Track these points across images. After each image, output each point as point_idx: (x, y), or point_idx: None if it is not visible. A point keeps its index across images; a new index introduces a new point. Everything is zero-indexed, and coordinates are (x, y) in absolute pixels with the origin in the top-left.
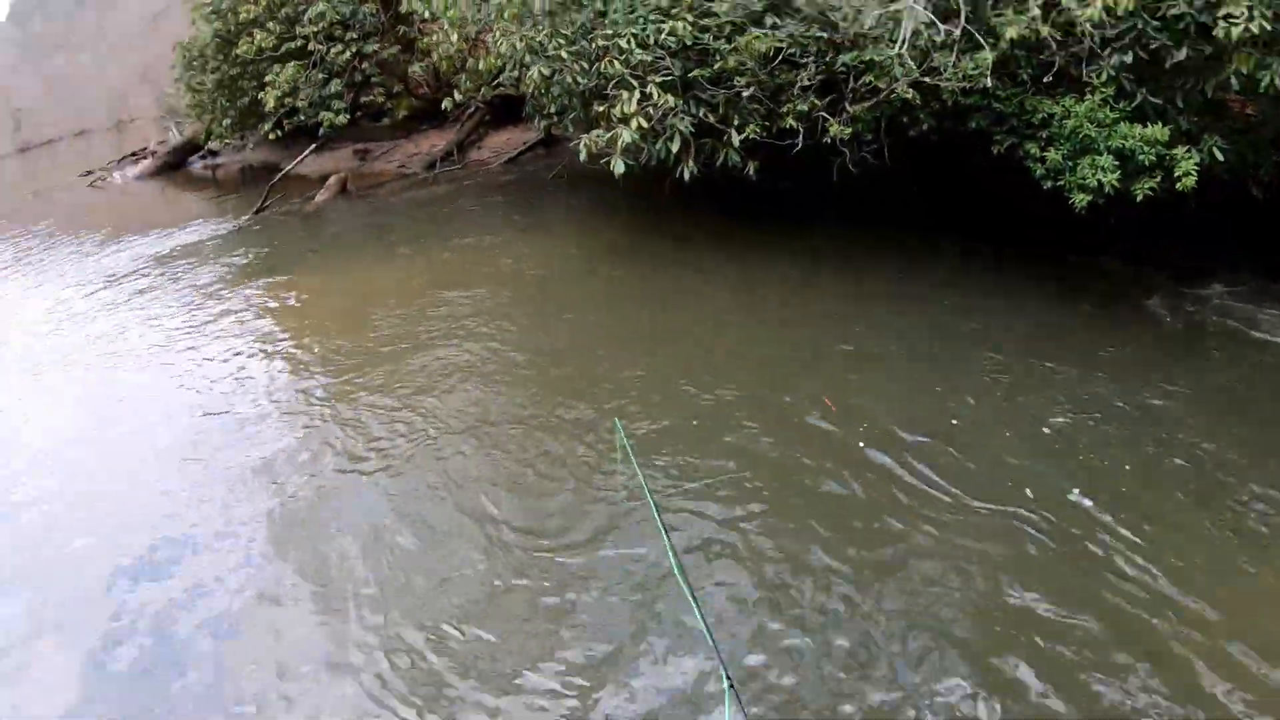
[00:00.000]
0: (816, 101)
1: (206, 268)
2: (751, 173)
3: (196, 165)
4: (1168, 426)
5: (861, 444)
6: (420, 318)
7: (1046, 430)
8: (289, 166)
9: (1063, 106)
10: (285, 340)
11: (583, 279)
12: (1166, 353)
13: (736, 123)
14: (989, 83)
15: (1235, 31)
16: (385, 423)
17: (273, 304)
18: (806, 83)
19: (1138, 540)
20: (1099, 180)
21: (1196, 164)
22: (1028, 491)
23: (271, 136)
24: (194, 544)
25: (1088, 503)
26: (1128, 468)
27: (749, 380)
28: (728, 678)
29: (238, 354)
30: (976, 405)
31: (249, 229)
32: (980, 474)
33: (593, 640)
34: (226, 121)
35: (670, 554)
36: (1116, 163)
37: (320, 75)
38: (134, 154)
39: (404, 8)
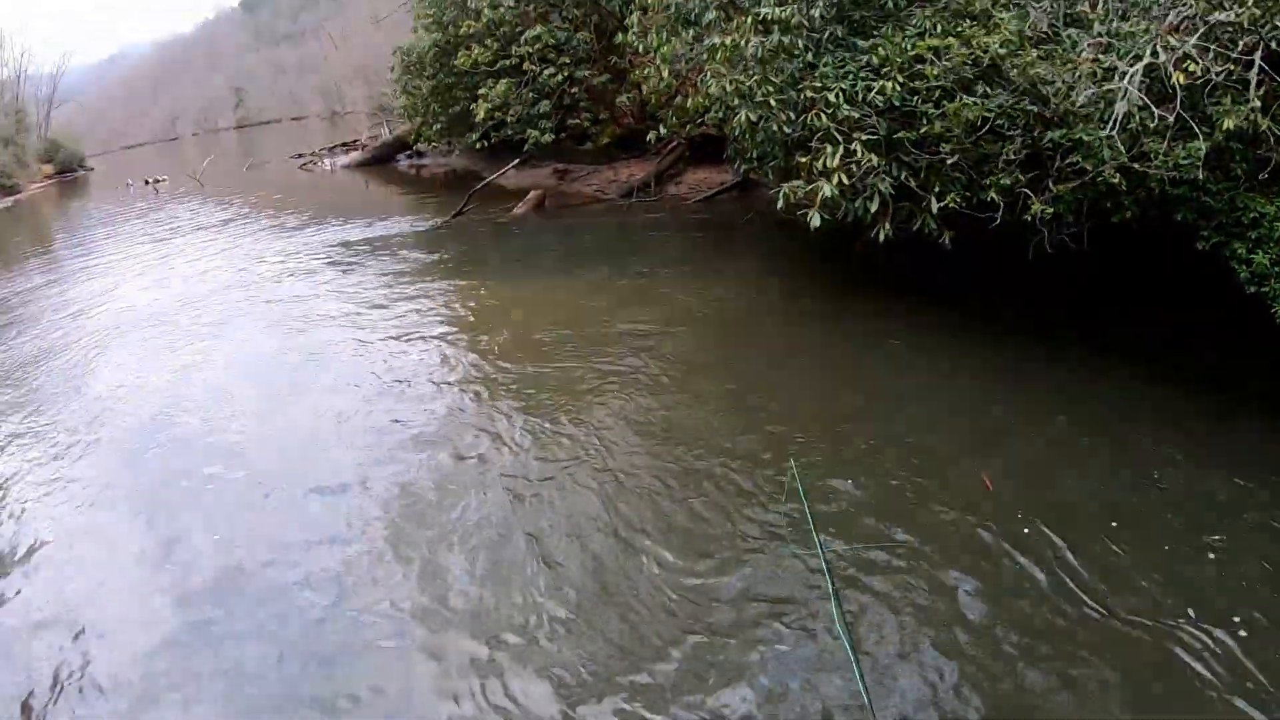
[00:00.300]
0: (1020, 176)
1: (401, 260)
2: (947, 242)
3: (402, 163)
4: None
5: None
6: (595, 340)
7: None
8: (492, 176)
9: (1276, 207)
10: (463, 341)
11: (763, 326)
12: None
13: (937, 189)
14: (1200, 174)
15: None
16: (547, 439)
17: (457, 304)
18: (1011, 156)
19: None
20: None
21: None
22: (1190, 611)
23: (478, 146)
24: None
25: None
26: None
27: (917, 451)
28: None
29: (418, 345)
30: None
31: (446, 230)
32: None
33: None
34: (437, 126)
35: (835, 608)
36: None
37: (531, 94)
38: (345, 144)
39: (617, 39)
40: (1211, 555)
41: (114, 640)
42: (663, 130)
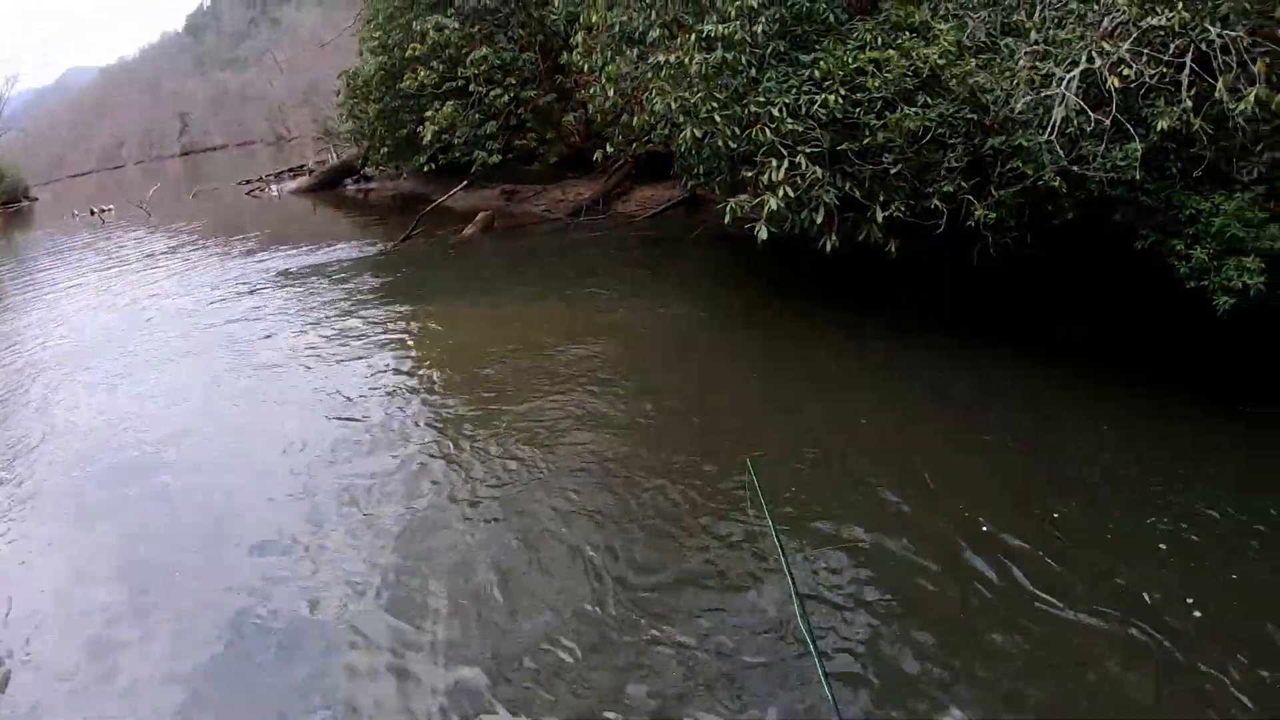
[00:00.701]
0: (963, 184)
1: (348, 285)
2: (892, 250)
3: (350, 187)
4: None
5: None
6: (547, 359)
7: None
8: (440, 199)
9: (1211, 203)
10: (411, 365)
11: (711, 340)
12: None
13: (881, 199)
14: (1137, 175)
15: None
16: (498, 459)
17: (405, 329)
18: (953, 164)
19: None
20: (1244, 282)
21: None
22: (1145, 596)
23: (425, 169)
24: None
25: None
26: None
27: (864, 452)
28: None
29: (367, 373)
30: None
31: (394, 254)
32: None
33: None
34: (384, 150)
35: (796, 605)
36: (1264, 265)
37: (477, 116)
38: (292, 169)
39: (563, 59)
40: (1161, 543)
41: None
42: (609, 149)
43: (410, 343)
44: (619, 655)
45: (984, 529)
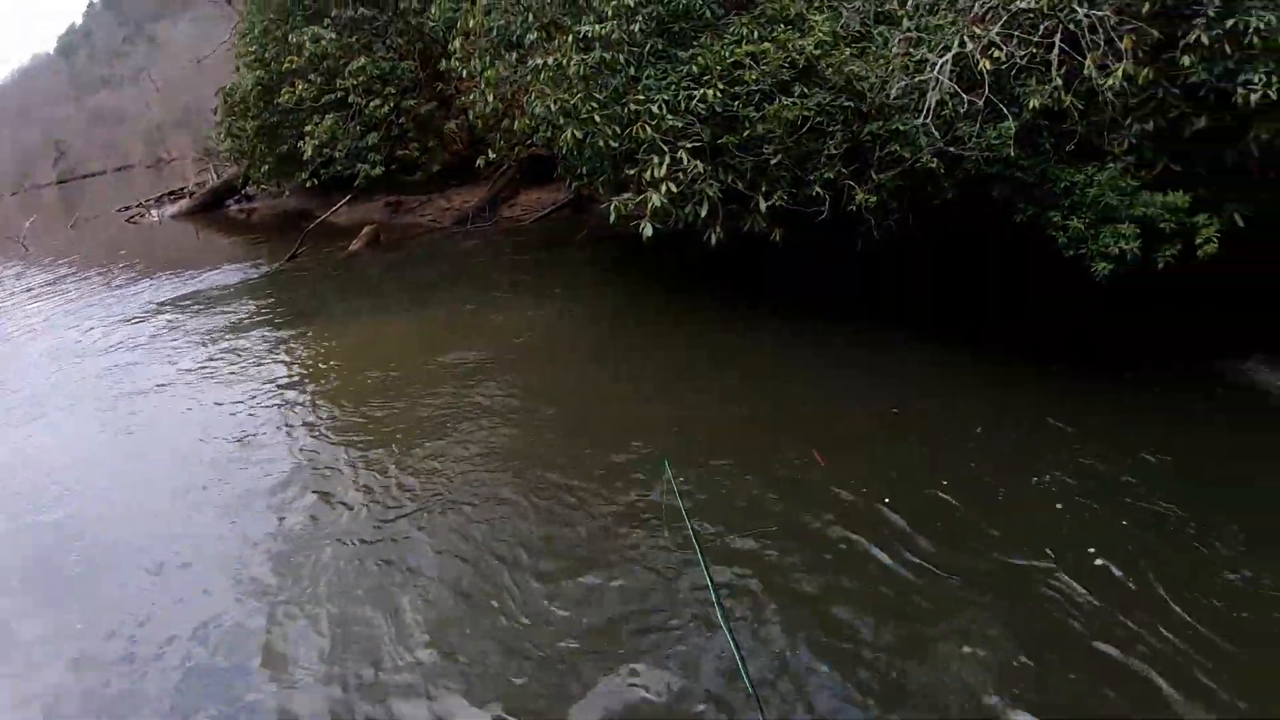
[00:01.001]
0: (843, 170)
1: (235, 310)
2: (777, 239)
3: (232, 208)
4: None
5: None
6: (438, 370)
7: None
8: (324, 215)
9: (1084, 175)
10: (305, 387)
11: (605, 339)
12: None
13: (764, 189)
14: (1012, 152)
15: (1254, 98)
16: (403, 477)
17: (296, 350)
18: (833, 151)
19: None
20: (1120, 248)
21: (1218, 231)
22: (1048, 550)
23: (307, 185)
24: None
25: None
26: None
27: (765, 439)
28: None
29: (254, 398)
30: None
31: (280, 274)
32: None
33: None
34: (265, 167)
35: (712, 594)
36: (1138, 230)
37: (358, 127)
38: (172, 192)
39: (442, 66)
40: (1042, 507)
41: None
42: (492, 154)
43: (299, 364)
44: (528, 649)
45: (884, 501)
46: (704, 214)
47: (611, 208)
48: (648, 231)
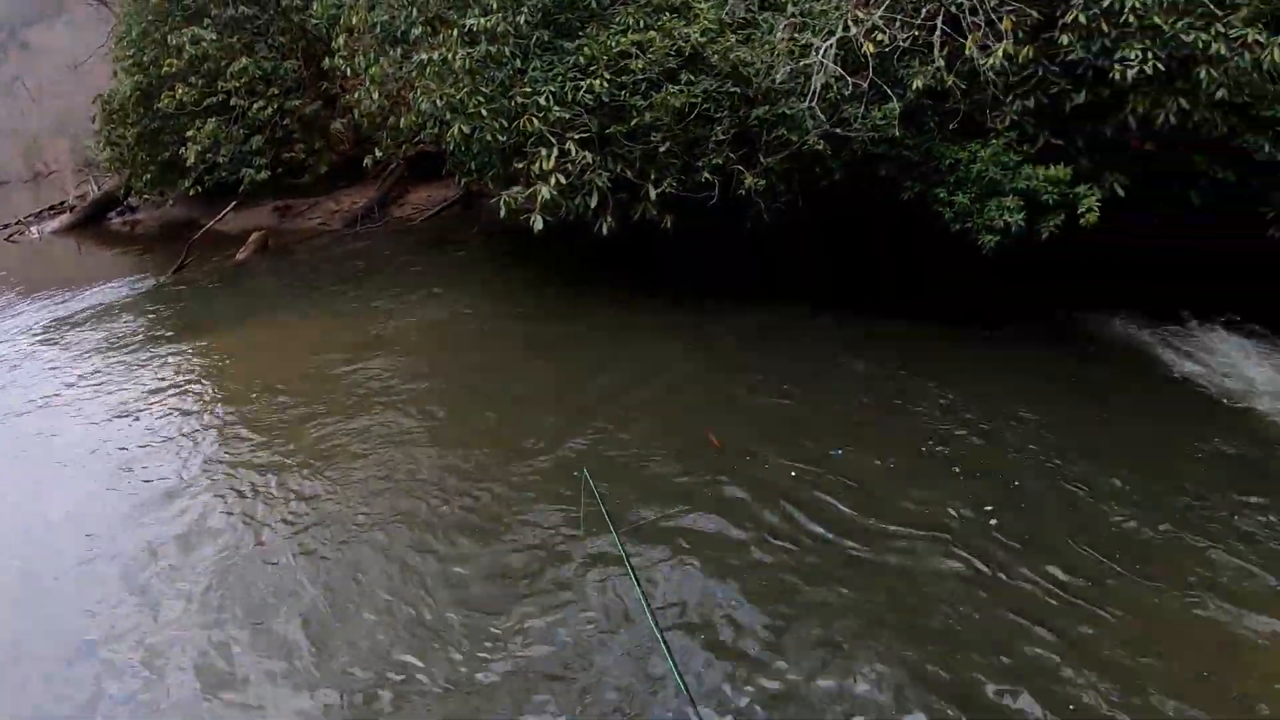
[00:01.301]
0: (731, 155)
1: (120, 327)
2: (668, 226)
3: (115, 221)
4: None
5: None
6: (337, 378)
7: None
8: (209, 224)
9: (968, 152)
10: (199, 403)
11: (497, 335)
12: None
13: (653, 177)
14: (897, 132)
15: (1131, 74)
16: (293, 485)
17: (188, 366)
18: (721, 137)
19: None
20: (1005, 221)
21: (1098, 200)
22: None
23: (192, 192)
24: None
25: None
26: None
27: (668, 424)
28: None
29: (140, 412)
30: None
31: (167, 287)
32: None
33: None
34: (147, 177)
35: (641, 599)
36: (1022, 203)
37: (241, 131)
38: (51, 207)
39: (326, 64)
40: (935, 468)
41: None
42: (379, 153)
43: (187, 376)
44: (451, 652)
45: (791, 474)
46: (594, 204)
47: (501, 202)
48: (538, 224)
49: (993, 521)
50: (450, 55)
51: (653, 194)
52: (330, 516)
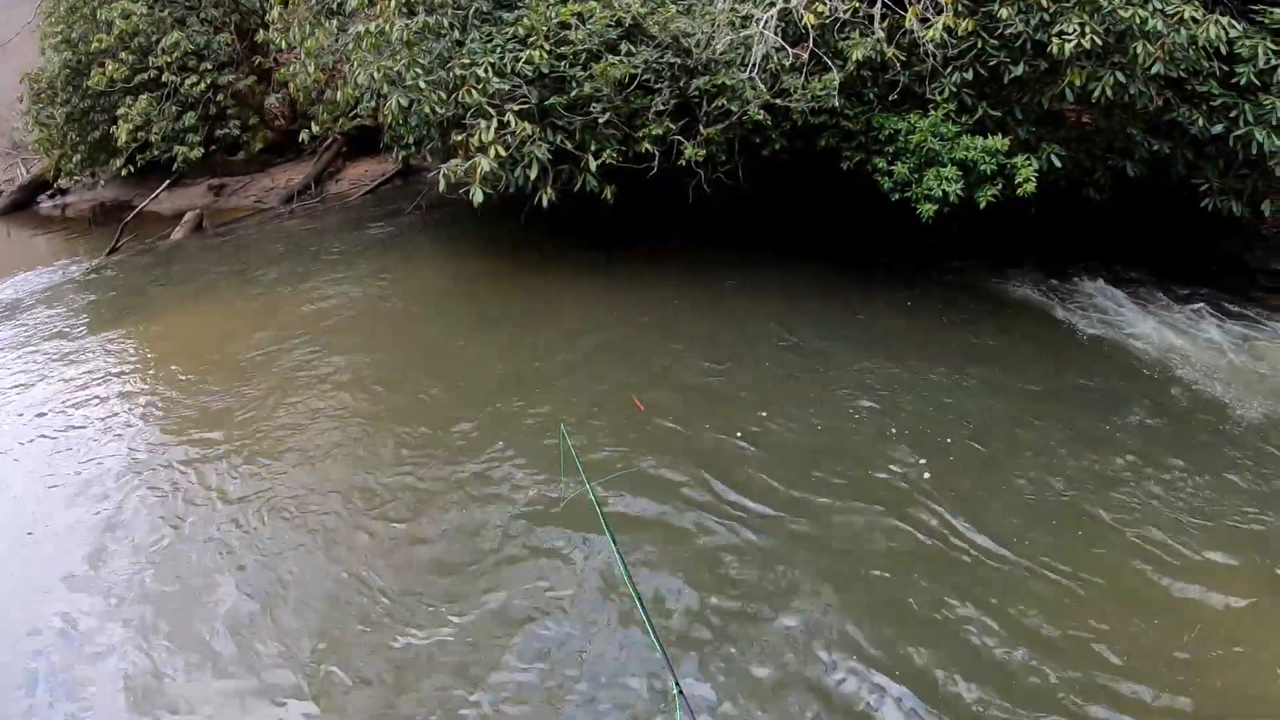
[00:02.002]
0: (671, 125)
1: (52, 315)
2: (609, 197)
3: (45, 204)
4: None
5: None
6: (278, 359)
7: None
8: (142, 204)
9: (907, 122)
10: (128, 384)
11: (440, 310)
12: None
13: (593, 148)
14: (837, 103)
15: (1068, 47)
16: (232, 468)
17: (121, 352)
18: (661, 107)
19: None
20: (944, 190)
21: (1036, 171)
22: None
23: (124, 173)
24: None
25: None
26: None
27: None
28: (677, 684)
29: (71, 399)
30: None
31: (101, 271)
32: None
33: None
34: (77, 157)
35: (614, 548)
36: (960, 173)
37: (174, 108)
38: None
39: (260, 38)
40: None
41: None
42: (315, 128)
43: (122, 361)
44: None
45: (737, 436)
46: (534, 176)
47: (440, 175)
48: (478, 197)
49: (925, 475)
50: (388, 26)
51: (593, 165)
52: (269, 494)
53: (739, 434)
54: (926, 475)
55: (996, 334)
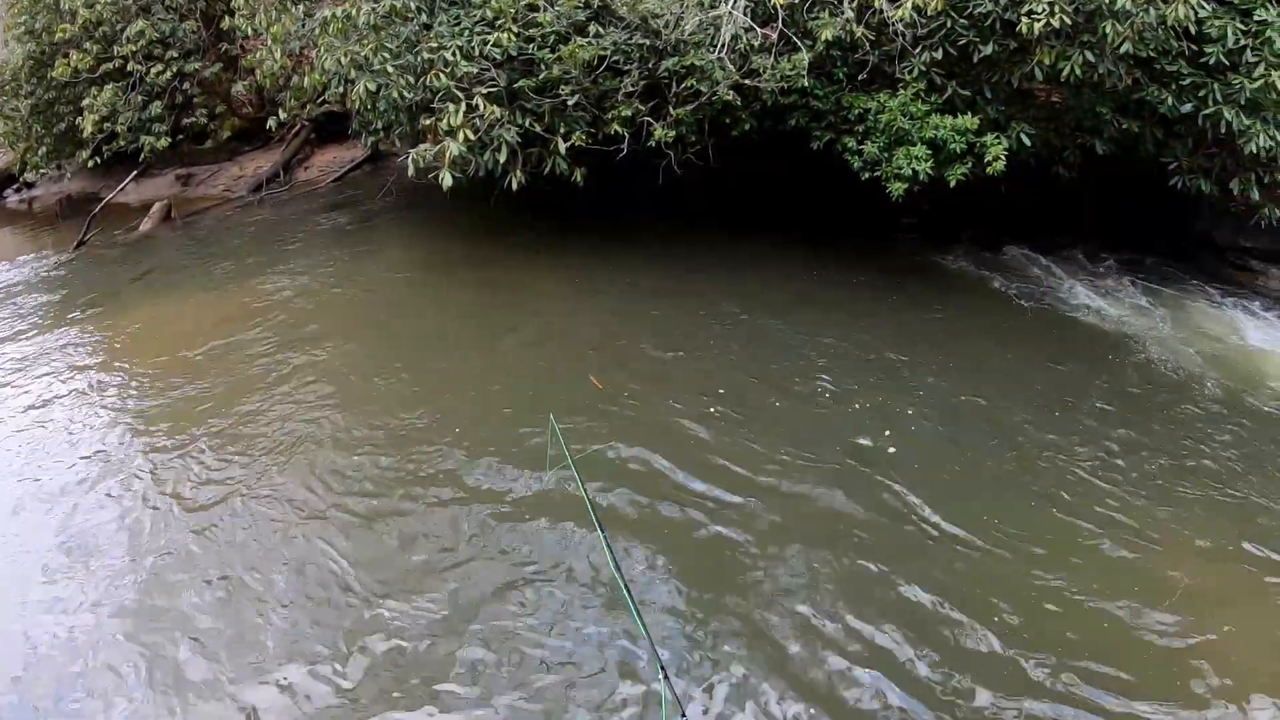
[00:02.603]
0: (640, 107)
1: (19, 310)
2: (579, 179)
3: (11, 198)
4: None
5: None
6: (247, 350)
7: None
8: (109, 196)
9: (877, 102)
10: (98, 380)
11: (412, 296)
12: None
13: (563, 131)
14: (806, 82)
15: (1037, 26)
16: (207, 462)
17: (93, 346)
18: (630, 89)
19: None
20: (914, 169)
21: (1005, 149)
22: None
23: (91, 164)
24: None
25: None
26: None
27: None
28: (662, 668)
29: (44, 397)
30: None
31: (70, 265)
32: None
33: None
34: (43, 150)
35: (602, 537)
36: (930, 152)
37: (140, 97)
38: None
39: (226, 24)
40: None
41: None
42: (283, 115)
43: (91, 356)
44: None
45: (712, 411)
46: (503, 159)
47: (410, 160)
48: (447, 181)
49: (891, 450)
50: (354, 11)
51: (562, 148)
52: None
53: (703, 412)
54: (891, 450)
55: (959, 311)
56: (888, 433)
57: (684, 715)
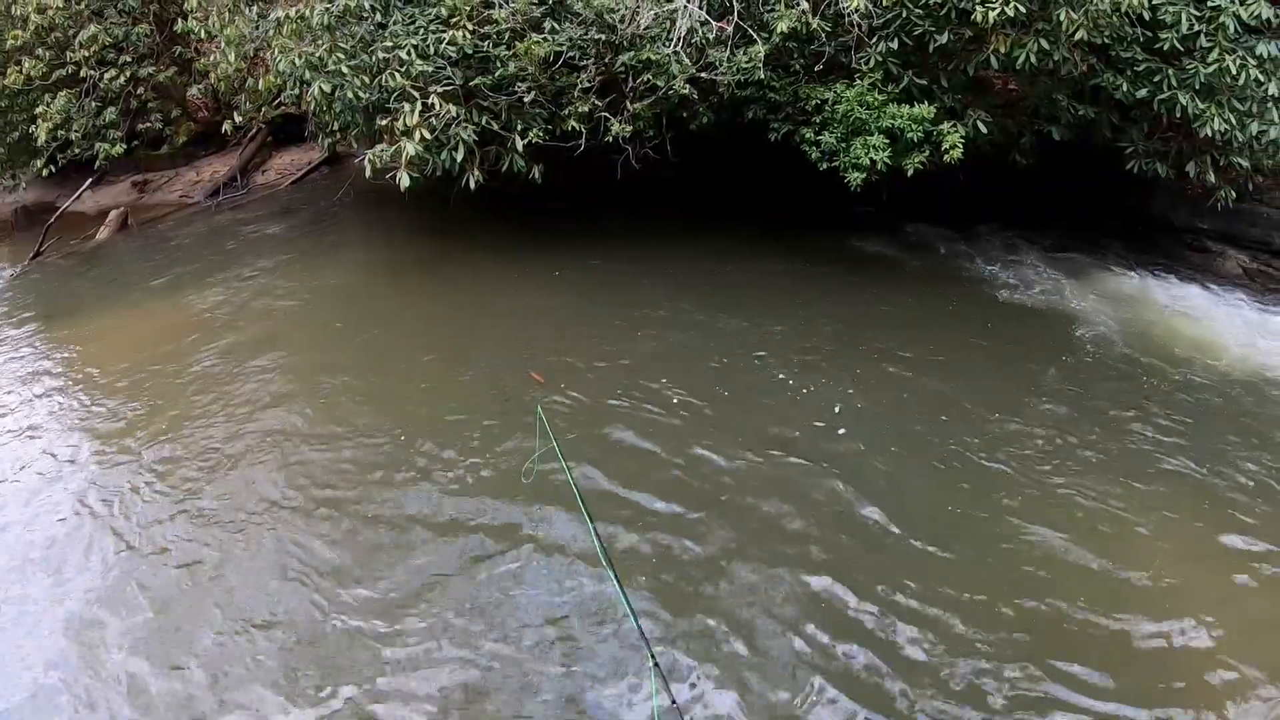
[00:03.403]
0: (597, 102)
1: None
2: (536, 176)
3: None
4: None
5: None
6: (206, 358)
7: None
8: (65, 205)
9: (834, 93)
10: (60, 392)
11: (369, 297)
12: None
13: (520, 128)
14: (763, 74)
15: (993, 15)
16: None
17: (52, 359)
18: (587, 84)
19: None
20: (871, 159)
21: (962, 138)
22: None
23: (45, 173)
24: None
25: None
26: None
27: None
28: (652, 656)
29: (3, 417)
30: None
31: (26, 276)
32: None
33: None
34: None
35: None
36: (887, 141)
37: (94, 103)
38: None
39: (179, 27)
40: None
41: None
42: (238, 118)
43: (52, 369)
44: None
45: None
46: (460, 158)
47: (367, 161)
48: (405, 181)
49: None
50: (308, 11)
51: (519, 145)
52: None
53: (653, 403)
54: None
55: (916, 299)
56: (838, 409)
57: (674, 702)
